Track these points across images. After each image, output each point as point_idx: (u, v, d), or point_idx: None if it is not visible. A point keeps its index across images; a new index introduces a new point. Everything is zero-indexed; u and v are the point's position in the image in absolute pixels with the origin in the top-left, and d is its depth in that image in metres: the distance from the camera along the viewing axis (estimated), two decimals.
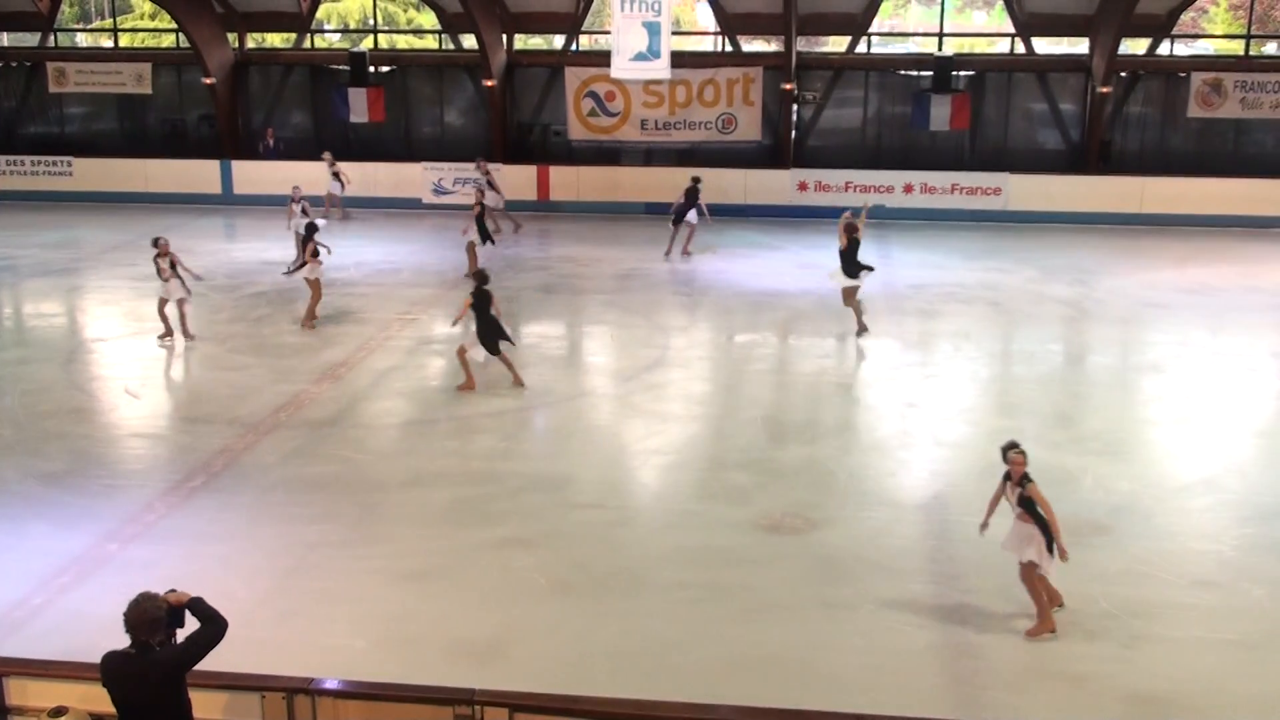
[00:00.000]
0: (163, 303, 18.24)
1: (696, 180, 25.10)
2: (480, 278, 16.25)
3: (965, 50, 33.30)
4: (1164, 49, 30.32)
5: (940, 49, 31.02)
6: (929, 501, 12.56)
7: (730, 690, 8.78)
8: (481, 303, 15.85)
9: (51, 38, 34.07)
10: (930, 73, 29.78)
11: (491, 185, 27.22)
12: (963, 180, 29.17)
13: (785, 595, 10.37)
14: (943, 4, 32.71)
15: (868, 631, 9.76)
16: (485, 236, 22.32)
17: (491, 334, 15.85)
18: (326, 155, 29.15)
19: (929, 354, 18.14)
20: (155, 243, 18.15)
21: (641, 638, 9.65)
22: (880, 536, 11.57)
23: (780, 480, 13.01)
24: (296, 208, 22.75)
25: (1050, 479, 12.86)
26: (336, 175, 28.88)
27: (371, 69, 31.66)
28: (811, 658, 9.38)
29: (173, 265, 18.05)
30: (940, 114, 29.46)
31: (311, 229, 19.89)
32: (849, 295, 18.67)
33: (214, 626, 6.42)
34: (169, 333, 18.20)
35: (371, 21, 37.67)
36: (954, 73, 29.83)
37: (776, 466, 13.43)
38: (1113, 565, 10.91)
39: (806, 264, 23.66)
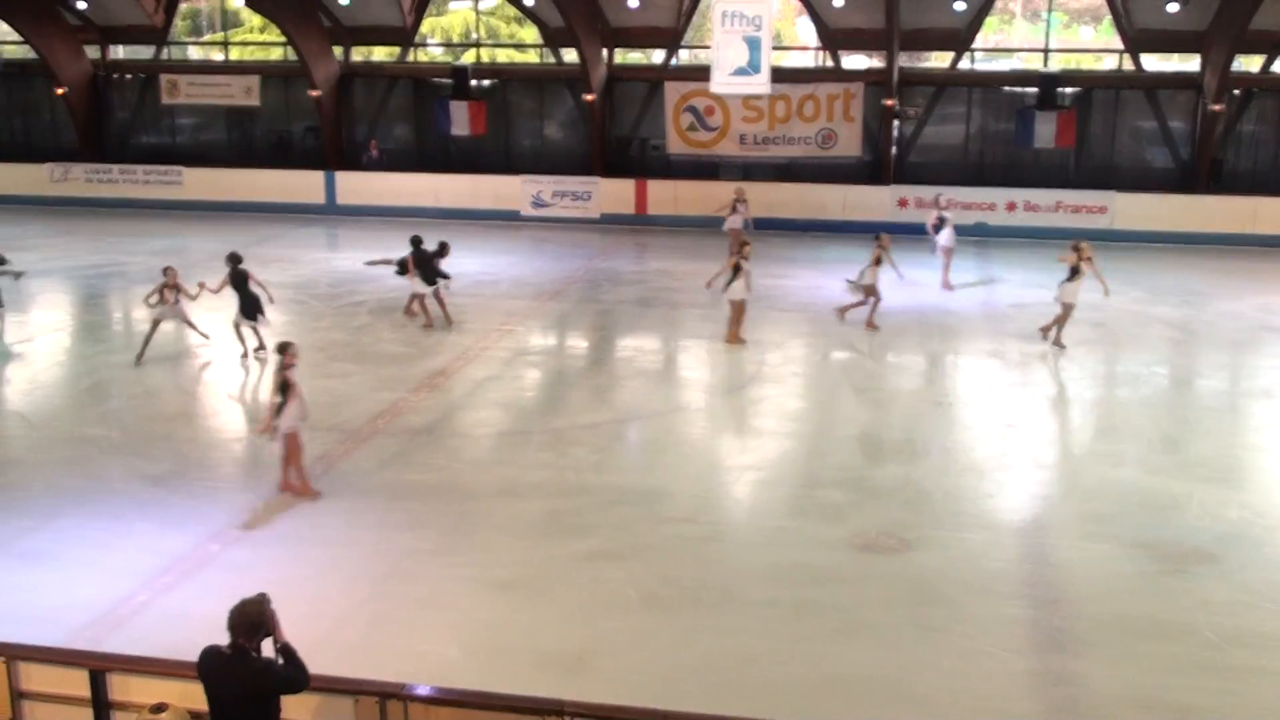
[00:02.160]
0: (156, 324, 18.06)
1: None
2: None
3: (1071, 67, 32.74)
4: (1278, 66, 29.54)
5: (1046, 65, 30.58)
6: (1027, 525, 12.32)
7: (819, 709, 8.68)
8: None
9: (165, 51, 35.01)
10: (1035, 89, 29.35)
11: (737, 210, 25.75)
12: (1067, 198, 28.69)
13: (877, 615, 10.24)
14: (1049, 20, 32.25)
15: (961, 654, 9.58)
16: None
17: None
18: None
19: (1030, 374, 17.83)
20: (165, 272, 18.18)
21: (731, 654, 9.58)
22: (976, 558, 11.37)
23: (875, 499, 12.86)
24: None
25: (1154, 504, 12.63)
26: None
27: (473, 83, 32.04)
28: (902, 679, 9.24)
29: (178, 292, 18.00)
30: (1045, 131, 29.01)
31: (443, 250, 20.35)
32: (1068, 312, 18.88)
33: (298, 679, 6.63)
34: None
35: (474, 36, 38.12)
36: (1059, 89, 29.37)
37: (871, 485, 13.28)
38: (1218, 594, 10.60)
39: (906, 282, 23.41)
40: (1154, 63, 31.13)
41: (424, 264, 19.92)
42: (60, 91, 33.08)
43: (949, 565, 11.23)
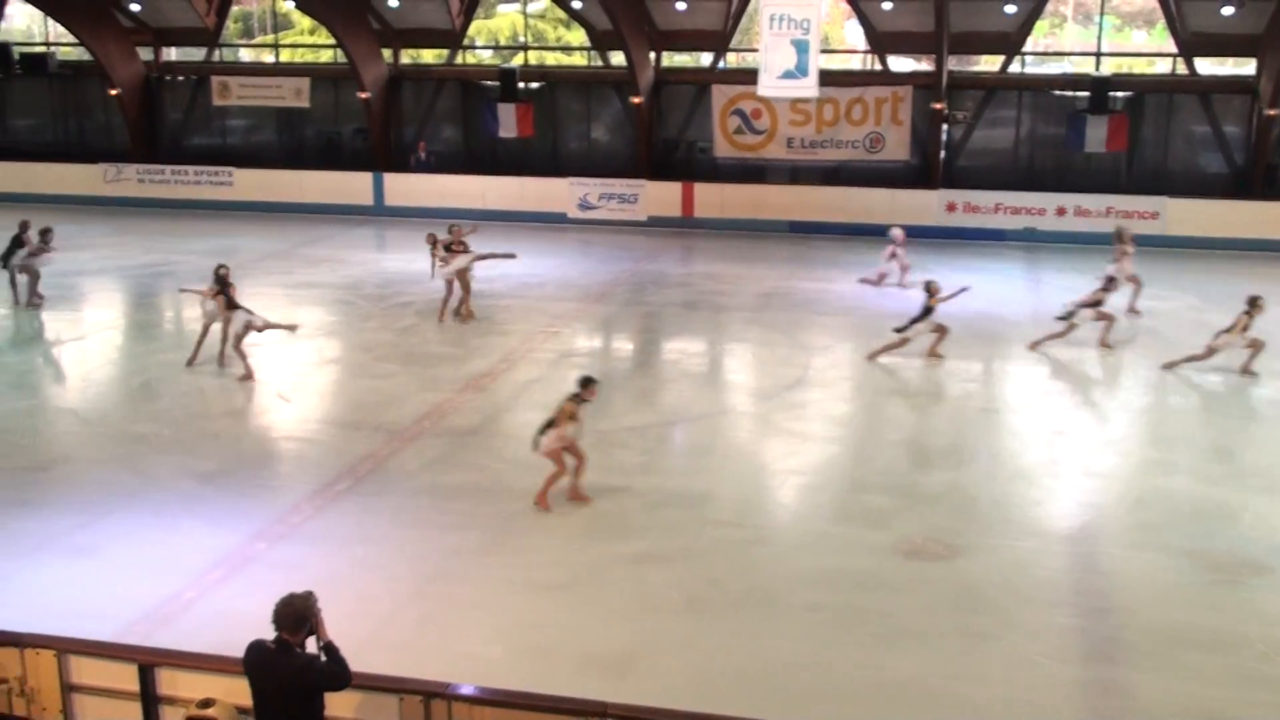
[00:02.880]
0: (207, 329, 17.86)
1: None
2: None
3: (1124, 70, 32.41)
4: None
5: (1097, 69, 30.27)
6: (1076, 532, 12.19)
7: (863, 716, 8.64)
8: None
9: (216, 53, 35.37)
10: (1086, 93, 29.02)
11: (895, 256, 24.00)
12: (1118, 203, 28.36)
13: (923, 622, 10.16)
14: (1101, 23, 31.95)
15: (1008, 663, 9.49)
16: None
17: None
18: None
19: (1079, 381, 17.65)
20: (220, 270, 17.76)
21: (774, 659, 9.54)
22: (1024, 566, 11.26)
23: (921, 505, 12.77)
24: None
25: (1206, 513, 12.47)
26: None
27: (521, 85, 32.12)
28: (948, 687, 9.16)
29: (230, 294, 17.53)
30: (1096, 135, 28.72)
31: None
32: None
33: (340, 677, 6.69)
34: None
35: (522, 39, 38.26)
36: (1111, 93, 29.05)
37: (918, 491, 13.19)
38: (1271, 606, 10.45)
39: (953, 286, 23.21)
40: (1208, 66, 30.74)
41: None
42: (114, 93, 33.47)
43: (996, 572, 11.13)
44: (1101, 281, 19.15)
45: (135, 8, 33.51)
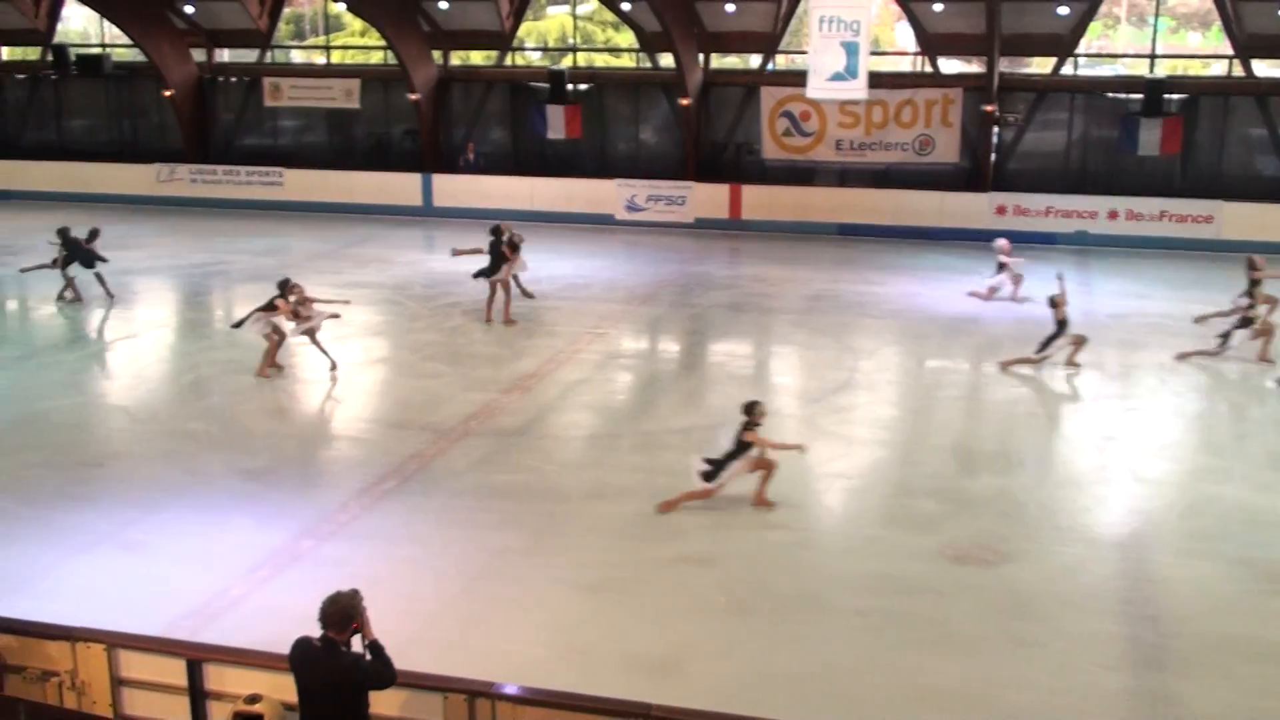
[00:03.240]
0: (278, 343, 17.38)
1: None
2: None
3: (1178, 72, 32.00)
4: None
5: (1151, 71, 29.92)
6: (1126, 539, 12.05)
7: None
8: None
9: (268, 54, 35.69)
10: (1140, 95, 28.70)
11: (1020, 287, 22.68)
12: (1172, 207, 28.04)
13: (969, 628, 10.08)
14: (1155, 25, 31.59)
15: (1056, 670, 9.39)
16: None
17: None
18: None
19: (1130, 386, 17.45)
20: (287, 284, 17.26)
21: (819, 663, 9.50)
22: (1073, 573, 11.14)
23: (969, 510, 12.67)
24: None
25: (1260, 522, 12.28)
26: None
27: (570, 87, 32.19)
28: (994, 694, 9.08)
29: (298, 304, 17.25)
30: (1149, 138, 28.38)
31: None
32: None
33: (385, 675, 6.71)
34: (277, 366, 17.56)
35: (571, 40, 38.33)
36: (1165, 95, 28.70)
37: (965, 495, 13.08)
38: None
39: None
40: (1265, 69, 30.31)
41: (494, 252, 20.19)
42: (168, 94, 33.84)
43: (1044, 579, 11.02)
44: (1243, 299, 18.77)
45: (189, 10, 33.88)
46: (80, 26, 41.64)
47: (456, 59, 35.09)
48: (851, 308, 22.12)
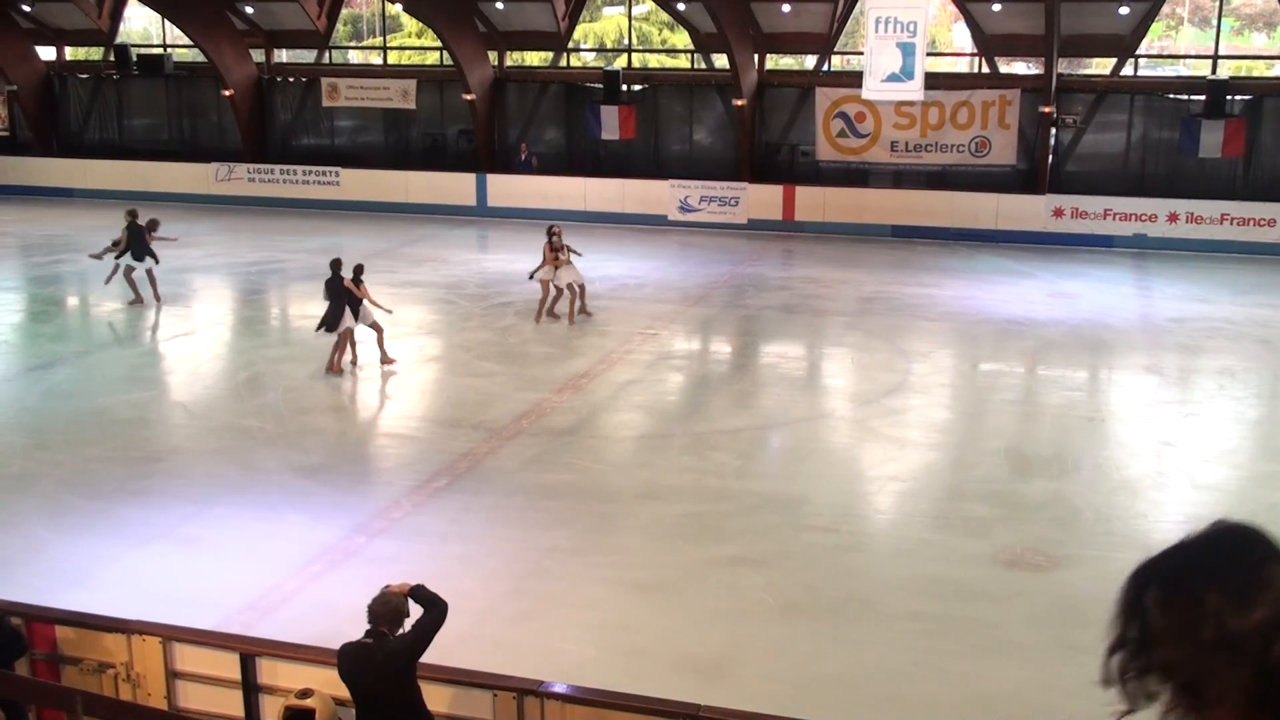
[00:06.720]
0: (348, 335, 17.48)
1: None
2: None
3: (1242, 73, 31.51)
4: None
5: (1214, 72, 29.49)
6: None
7: None
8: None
9: (326, 55, 36.03)
10: (1202, 97, 28.29)
11: None
12: (1234, 210, 27.62)
13: (1022, 634, 9.98)
14: (1219, 26, 31.12)
15: None
16: None
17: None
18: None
19: (1189, 391, 17.21)
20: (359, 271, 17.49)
21: (869, 666, 9.44)
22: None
23: (1022, 514, 12.54)
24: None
25: None
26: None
27: (624, 87, 32.23)
28: (1048, 701, 8.97)
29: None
30: (1211, 140, 27.94)
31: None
32: None
33: (436, 610, 6.73)
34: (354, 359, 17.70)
35: (626, 41, 38.38)
36: (1228, 97, 28.28)
37: (1019, 500, 12.96)
38: None
39: (1059, 293, 22.86)
40: None
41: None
42: (227, 94, 34.25)
43: (1099, 585, 10.83)
44: None
45: (249, 11, 34.28)
46: (142, 27, 42.28)
47: (512, 59, 35.25)
48: (905, 310, 21.98)
